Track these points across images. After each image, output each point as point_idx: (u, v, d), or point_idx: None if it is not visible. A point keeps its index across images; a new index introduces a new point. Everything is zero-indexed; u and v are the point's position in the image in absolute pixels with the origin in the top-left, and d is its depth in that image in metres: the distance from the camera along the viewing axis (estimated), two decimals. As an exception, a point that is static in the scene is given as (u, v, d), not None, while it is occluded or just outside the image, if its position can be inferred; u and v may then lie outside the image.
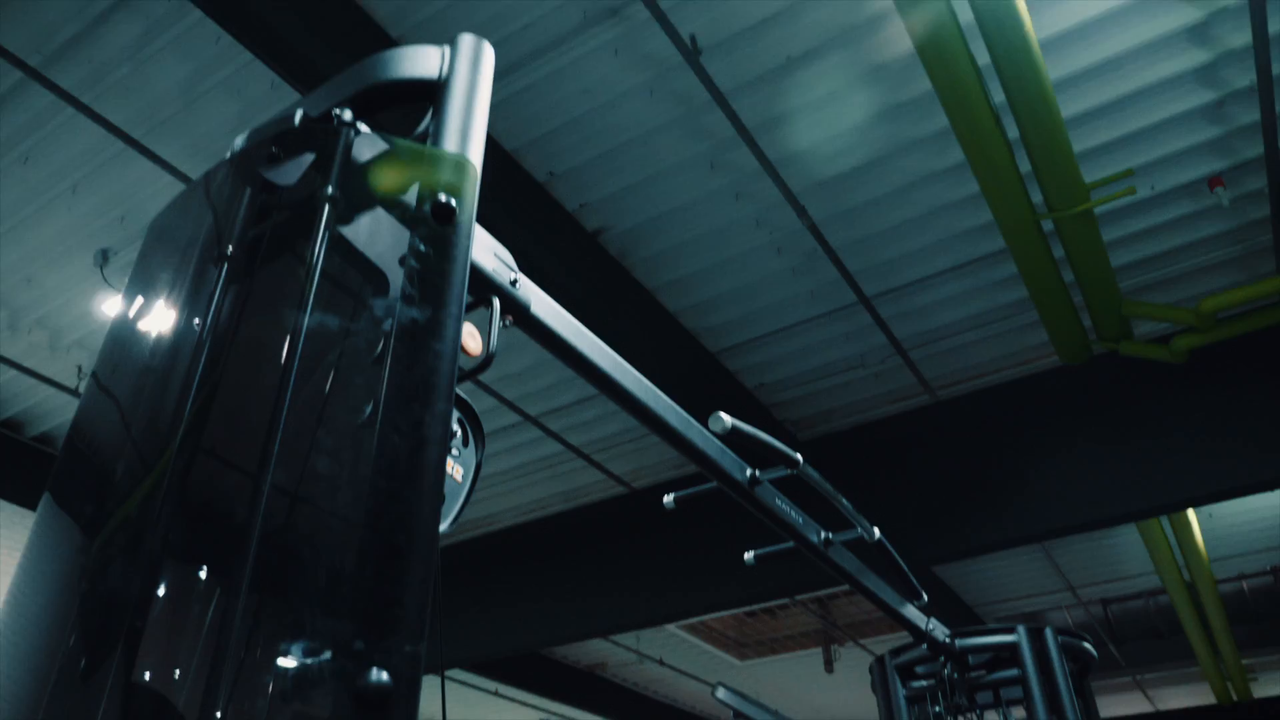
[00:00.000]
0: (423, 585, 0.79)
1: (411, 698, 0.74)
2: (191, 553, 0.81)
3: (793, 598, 7.22)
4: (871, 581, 2.52)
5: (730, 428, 1.79)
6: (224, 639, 0.74)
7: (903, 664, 3.22)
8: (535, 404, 5.15)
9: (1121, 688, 9.28)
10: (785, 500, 2.17)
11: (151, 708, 0.76)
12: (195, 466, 0.85)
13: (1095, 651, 3.23)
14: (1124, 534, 6.53)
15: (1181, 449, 4.20)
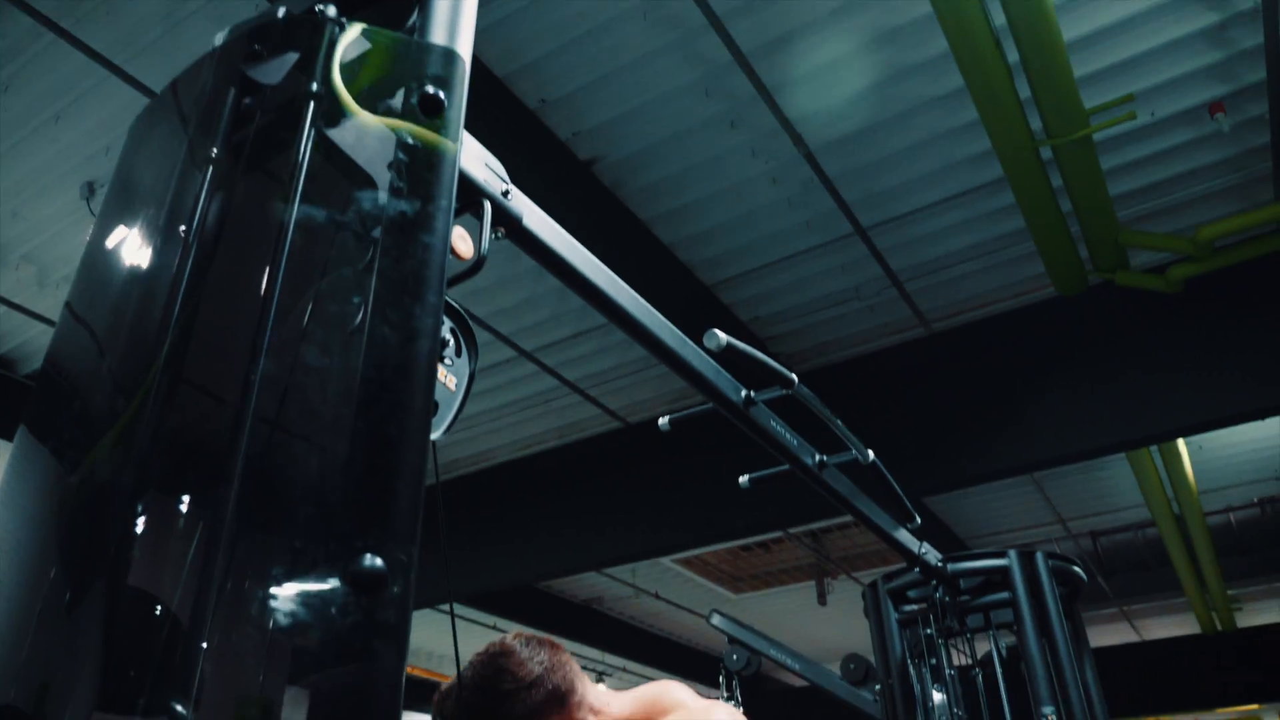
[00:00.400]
0: (416, 476, 0.78)
1: (406, 584, 0.74)
2: (182, 445, 0.80)
3: (786, 531, 7.31)
4: (865, 505, 2.53)
5: (725, 344, 1.78)
6: (215, 533, 0.74)
7: (895, 589, 3.27)
8: (530, 339, 5.13)
9: (1109, 618, 9.46)
10: (780, 423, 2.17)
11: (143, 614, 0.76)
12: (186, 359, 0.84)
13: (1085, 575, 3.27)
14: (1115, 466, 6.59)
15: (1175, 378, 4.21)
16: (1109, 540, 8.33)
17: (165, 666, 0.70)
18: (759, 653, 3.81)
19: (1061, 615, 3.06)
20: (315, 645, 0.71)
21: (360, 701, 0.70)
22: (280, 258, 0.87)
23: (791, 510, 5.13)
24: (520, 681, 1.34)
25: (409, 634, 0.73)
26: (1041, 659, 2.95)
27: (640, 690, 1.49)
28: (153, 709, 0.68)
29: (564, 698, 1.37)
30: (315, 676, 0.71)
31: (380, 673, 0.71)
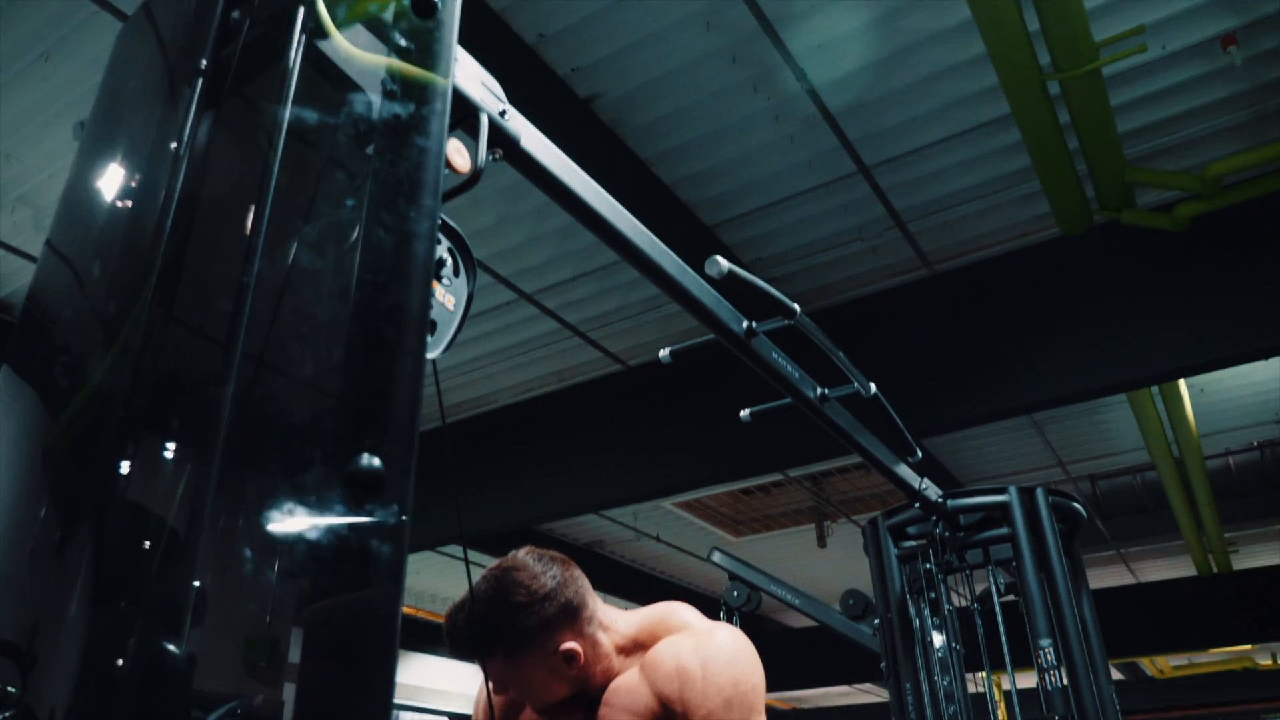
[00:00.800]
0: (414, 378, 0.77)
1: (403, 486, 0.73)
2: (179, 347, 0.78)
3: (786, 474, 7.35)
4: (866, 440, 2.54)
5: (726, 272, 1.76)
6: (211, 435, 0.73)
7: (895, 525, 3.29)
8: (530, 281, 5.10)
9: (1106, 561, 9.56)
10: (781, 354, 2.16)
11: (137, 517, 0.75)
12: (182, 263, 0.82)
13: (1085, 511, 3.29)
14: (1116, 410, 6.60)
15: (1180, 318, 4.19)
16: (1108, 484, 8.38)
17: (161, 572, 0.70)
18: (759, 589, 3.85)
19: (1060, 551, 3.08)
20: (313, 546, 0.70)
21: (360, 601, 0.69)
22: (273, 163, 0.85)
23: (792, 451, 5.15)
24: (533, 595, 1.35)
25: (408, 536, 0.73)
26: (1040, 594, 2.98)
27: (647, 610, 1.50)
28: (149, 619, 0.68)
29: (575, 612, 1.38)
30: (314, 578, 0.70)
31: (380, 573, 0.70)
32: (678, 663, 1.35)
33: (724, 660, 1.34)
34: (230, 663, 0.71)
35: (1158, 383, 5.15)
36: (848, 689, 14.94)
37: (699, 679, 1.32)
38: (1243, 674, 12.86)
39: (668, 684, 1.34)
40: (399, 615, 0.70)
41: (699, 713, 1.30)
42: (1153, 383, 4.84)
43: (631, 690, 1.38)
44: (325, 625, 0.68)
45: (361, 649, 0.68)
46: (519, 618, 1.35)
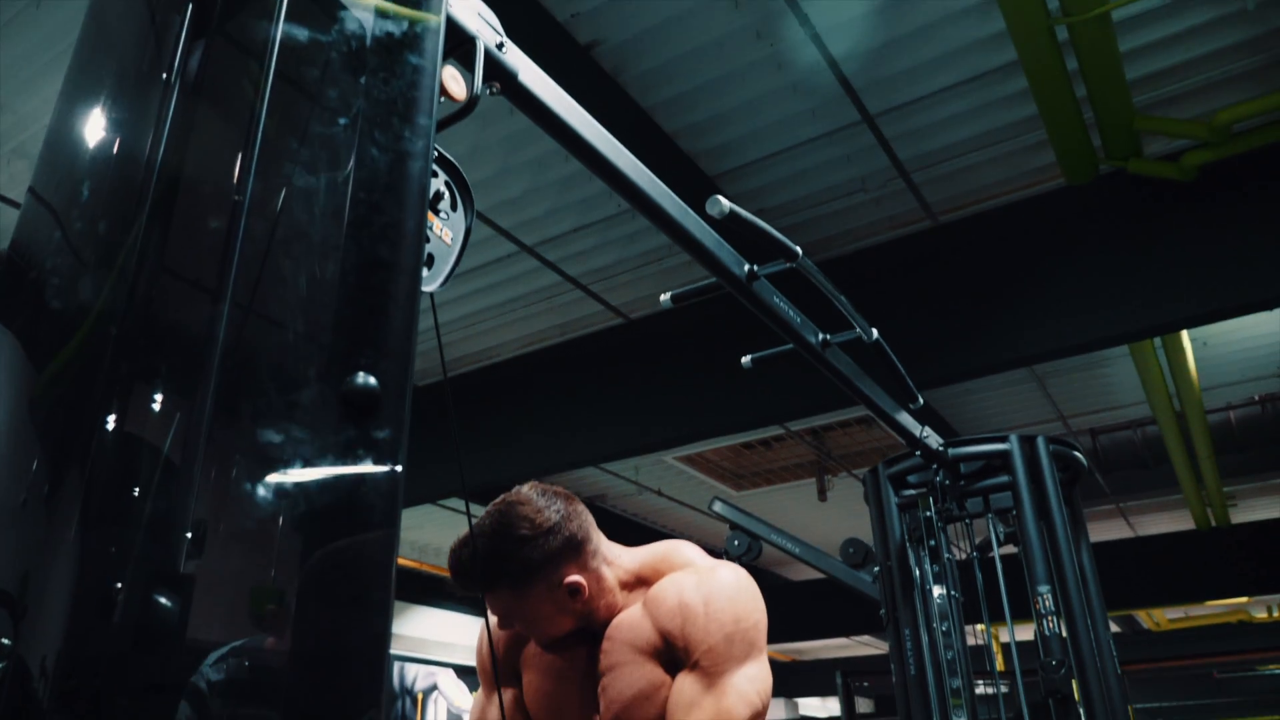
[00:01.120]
0: (409, 298, 0.76)
1: (400, 406, 0.73)
2: (172, 267, 0.77)
3: (787, 428, 7.37)
4: (868, 386, 2.53)
5: (728, 212, 1.74)
6: (206, 354, 0.72)
7: (895, 473, 3.29)
8: (531, 233, 5.07)
9: (1105, 515, 9.61)
10: (783, 299, 2.15)
11: (131, 461, 0.75)
12: (179, 178, 0.81)
13: (1085, 460, 3.29)
14: (1118, 364, 6.59)
15: (1186, 268, 4.16)
16: (1108, 438, 8.39)
17: (157, 502, 0.69)
18: (759, 538, 3.87)
19: (1061, 500, 3.09)
20: (309, 466, 0.70)
21: (357, 521, 0.69)
22: (266, 82, 0.83)
23: (793, 403, 5.14)
24: (537, 528, 1.35)
25: (404, 456, 0.72)
26: (1039, 541, 2.99)
27: (650, 546, 1.51)
28: (145, 551, 0.67)
29: (579, 546, 1.39)
30: (310, 497, 0.70)
31: (377, 492, 0.70)
32: (680, 598, 1.36)
33: (726, 597, 1.34)
34: (229, 595, 0.71)
35: (1162, 333, 5.13)
36: (847, 641, 15.14)
37: (701, 614, 1.33)
38: (1238, 627, 13.01)
39: (670, 619, 1.35)
40: (397, 533, 0.70)
41: (700, 648, 1.31)
42: (1157, 333, 4.83)
43: (634, 625, 1.39)
44: (324, 546, 0.68)
45: (359, 567, 0.68)
46: (523, 550, 1.35)
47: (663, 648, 1.35)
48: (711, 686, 1.30)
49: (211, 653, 0.67)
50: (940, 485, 3.10)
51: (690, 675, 1.32)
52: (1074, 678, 2.86)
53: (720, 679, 1.30)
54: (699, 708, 1.28)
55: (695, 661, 1.32)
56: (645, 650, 1.36)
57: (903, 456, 3.27)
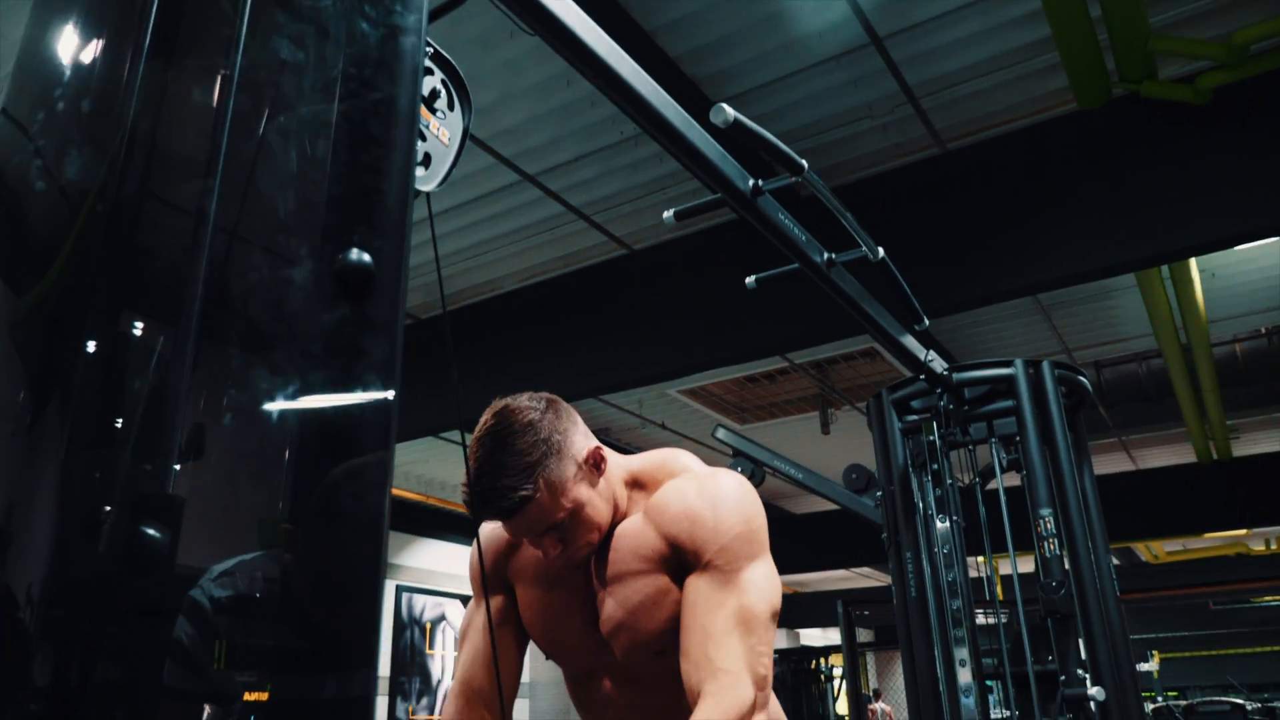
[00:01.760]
0: (402, 177, 0.74)
1: (395, 285, 0.71)
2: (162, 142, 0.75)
3: (791, 361, 7.37)
4: (872, 308, 2.51)
5: (733, 120, 1.70)
6: (200, 225, 0.70)
7: (899, 399, 3.29)
8: (534, 162, 5.01)
9: (1107, 448, 9.64)
10: (788, 216, 2.12)
11: (122, 353, 0.73)
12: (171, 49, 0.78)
13: (1090, 384, 3.28)
14: (1125, 295, 6.55)
15: (1198, 193, 4.10)
16: (1113, 371, 8.38)
17: (147, 404, 0.68)
18: (763, 465, 3.89)
19: (1064, 423, 3.09)
20: (303, 342, 0.68)
21: (353, 395, 0.68)
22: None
23: (797, 332, 5.12)
24: (538, 411, 1.31)
25: (401, 336, 0.71)
26: (1042, 464, 3.00)
27: (647, 454, 1.49)
28: (131, 463, 0.66)
29: (578, 422, 1.37)
30: (305, 373, 0.68)
31: (373, 369, 0.68)
32: (684, 504, 1.34)
33: (732, 500, 1.33)
34: (222, 507, 0.70)
35: (1172, 260, 5.07)
36: (847, 573, 15.36)
37: (709, 517, 1.31)
38: (1236, 559, 13.15)
39: (676, 525, 1.33)
40: (394, 415, 0.68)
41: (712, 548, 1.29)
42: (1167, 260, 4.78)
43: (636, 534, 1.36)
44: (319, 425, 0.67)
45: (356, 448, 0.67)
46: (539, 434, 1.29)
47: (669, 554, 1.33)
48: (729, 583, 1.27)
49: (203, 574, 0.66)
50: (944, 410, 3.10)
51: (704, 575, 1.29)
52: (1074, 599, 2.89)
53: (737, 576, 1.28)
54: (721, 605, 1.26)
55: (708, 562, 1.30)
56: (650, 558, 1.34)
57: (907, 381, 3.26)
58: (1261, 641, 19.38)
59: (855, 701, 8.24)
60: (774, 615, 1.29)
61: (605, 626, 1.36)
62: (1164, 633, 17.20)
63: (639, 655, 1.34)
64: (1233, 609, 17.81)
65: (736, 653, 1.22)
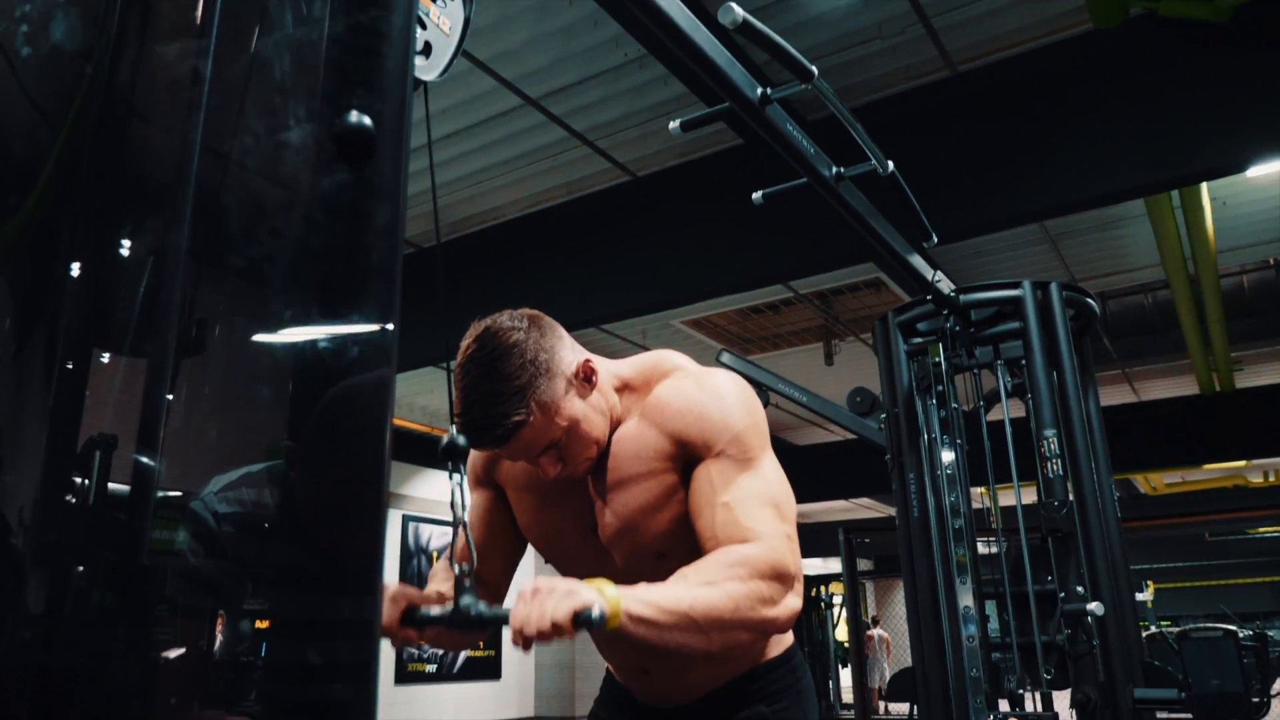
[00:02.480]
0: (403, 40, 0.71)
1: (396, 150, 0.69)
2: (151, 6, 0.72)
3: (794, 290, 7.34)
4: (880, 225, 2.48)
5: (741, 21, 1.65)
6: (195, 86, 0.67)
7: (905, 321, 3.27)
8: (536, 85, 4.91)
9: (1110, 380, 9.64)
10: (796, 127, 2.08)
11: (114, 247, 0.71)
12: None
13: (1097, 306, 3.26)
14: (1134, 225, 6.48)
15: (1215, 115, 4.01)
16: (1118, 303, 8.35)
17: (143, 304, 0.66)
18: (767, 388, 3.89)
19: (1071, 346, 3.08)
20: (303, 208, 0.66)
21: (356, 261, 0.66)
22: None
23: (802, 259, 5.08)
24: (521, 329, 1.27)
25: (404, 207, 0.69)
26: (1048, 386, 2.99)
27: (636, 357, 1.45)
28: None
29: (563, 335, 1.33)
30: (304, 239, 0.67)
31: (376, 236, 0.66)
32: (686, 399, 1.31)
33: (733, 395, 1.30)
34: (220, 419, 0.69)
35: (1190, 183, 4.98)
36: (848, 504, 15.52)
37: (715, 409, 1.28)
38: (1234, 491, 13.27)
39: (680, 420, 1.29)
40: (398, 276, 0.67)
41: (723, 438, 1.26)
42: (1184, 183, 4.70)
43: (637, 437, 1.33)
44: (323, 282, 0.65)
45: (361, 304, 0.65)
46: (525, 356, 1.24)
47: (676, 452, 1.29)
48: (747, 468, 1.24)
49: (199, 495, 0.65)
50: (950, 332, 3.08)
51: (717, 462, 1.25)
52: (1075, 519, 2.91)
53: (753, 463, 1.25)
54: (742, 485, 1.23)
55: (720, 451, 1.26)
56: (653, 458, 1.30)
57: (914, 303, 3.24)
58: (1255, 572, 19.67)
59: (855, 628, 8.38)
60: (794, 509, 1.27)
61: (605, 533, 1.33)
62: (1160, 564, 17.44)
63: (640, 560, 1.32)
64: (1229, 540, 18.04)
65: (773, 528, 1.19)
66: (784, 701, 1.39)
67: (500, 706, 13.02)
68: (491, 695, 12.92)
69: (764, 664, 1.41)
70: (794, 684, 1.42)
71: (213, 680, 0.64)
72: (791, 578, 1.18)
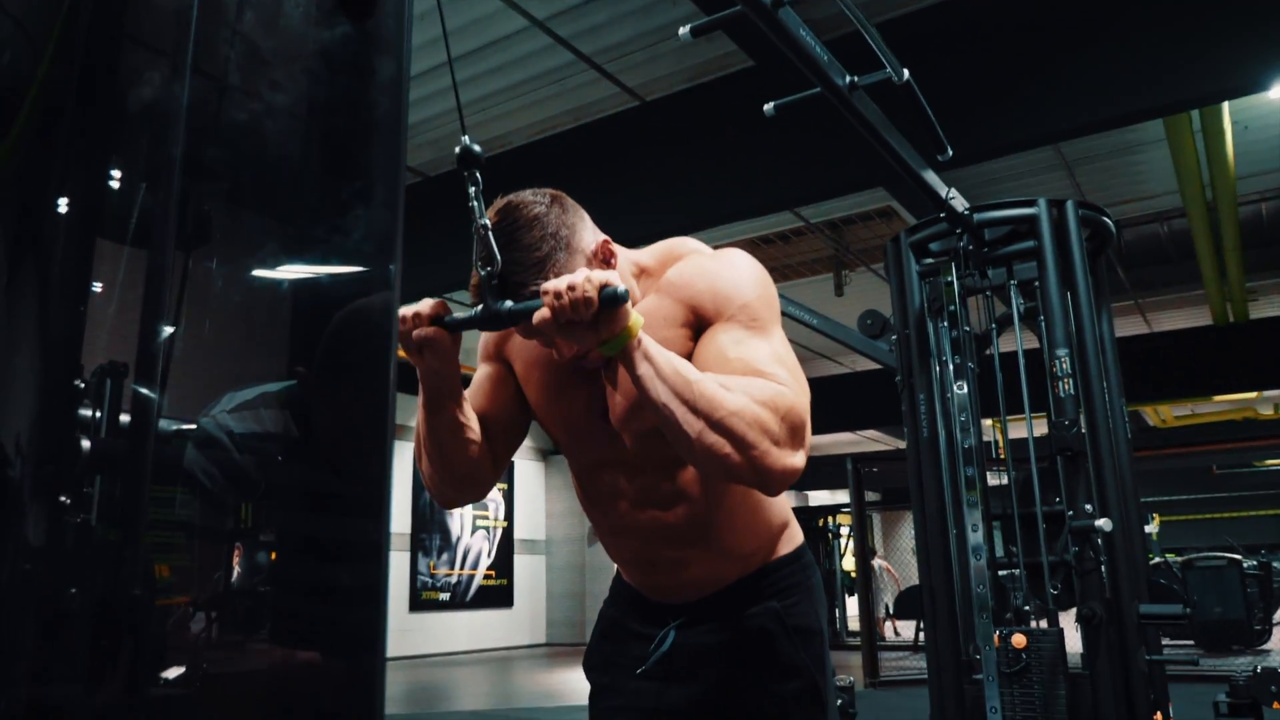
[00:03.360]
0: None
1: (398, 8, 0.66)
2: None
3: (803, 218, 7.26)
4: (894, 138, 2.43)
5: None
6: None
7: (917, 241, 3.23)
8: (541, 5, 4.80)
9: (1122, 310, 9.59)
10: (809, 32, 2.02)
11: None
12: None
13: (1114, 226, 3.21)
14: (1152, 150, 6.37)
15: (1235, 33, 3.90)
16: (1133, 232, 8.25)
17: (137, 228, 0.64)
18: (778, 312, 3.87)
19: (1086, 266, 3.04)
20: (305, 60, 0.64)
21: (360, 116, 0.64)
22: None
23: (811, 184, 5.01)
24: (543, 203, 1.26)
25: (408, 64, 0.67)
26: (1061, 305, 2.96)
27: (653, 245, 1.43)
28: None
29: (584, 215, 1.32)
30: (311, 101, 0.65)
31: (379, 89, 0.64)
32: (701, 269, 1.28)
33: (746, 268, 1.29)
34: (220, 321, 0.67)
35: (1210, 103, 4.84)
36: (855, 438, 15.60)
37: (729, 278, 1.25)
38: (1243, 424, 13.27)
39: (694, 288, 1.27)
40: (404, 135, 0.65)
41: (735, 303, 1.24)
42: (1207, 101, 4.58)
43: (653, 310, 1.31)
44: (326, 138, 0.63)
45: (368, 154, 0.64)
46: (546, 229, 1.23)
47: (689, 319, 1.27)
48: (757, 334, 1.22)
49: (209, 411, 0.64)
50: (964, 251, 3.04)
51: (727, 325, 1.23)
52: (1085, 438, 2.90)
53: (763, 330, 1.23)
54: (754, 347, 1.20)
55: (731, 316, 1.24)
56: (665, 326, 1.28)
57: (926, 224, 3.20)
58: (1261, 505, 19.78)
59: (862, 557, 8.48)
60: (799, 378, 1.25)
61: (615, 414, 1.32)
62: (1167, 496, 17.54)
63: (651, 442, 1.30)
64: (1236, 474, 18.10)
65: (792, 382, 1.17)
66: (795, 597, 1.40)
67: (512, 633, 13.30)
68: (504, 623, 13.19)
69: (774, 561, 1.42)
70: (804, 581, 1.44)
71: (223, 600, 0.64)
72: (802, 433, 1.17)
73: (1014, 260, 3.10)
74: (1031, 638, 2.79)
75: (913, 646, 10.33)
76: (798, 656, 1.37)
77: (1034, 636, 2.80)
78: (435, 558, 12.49)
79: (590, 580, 13.31)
